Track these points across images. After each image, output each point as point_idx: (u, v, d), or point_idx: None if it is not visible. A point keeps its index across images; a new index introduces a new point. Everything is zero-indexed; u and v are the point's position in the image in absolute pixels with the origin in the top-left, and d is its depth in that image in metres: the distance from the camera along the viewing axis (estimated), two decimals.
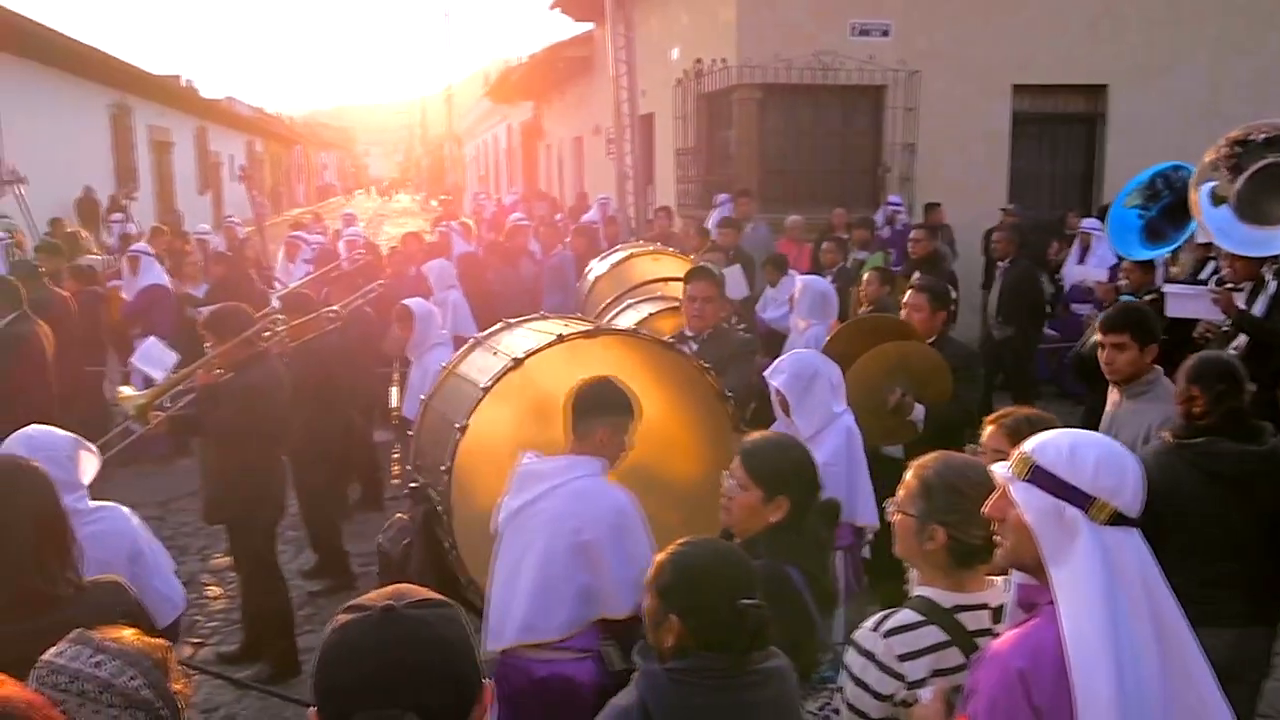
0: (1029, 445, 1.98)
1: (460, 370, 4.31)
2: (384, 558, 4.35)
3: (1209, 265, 7.76)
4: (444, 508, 3.78)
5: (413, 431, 4.61)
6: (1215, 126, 7.01)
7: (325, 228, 16.59)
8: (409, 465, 4.53)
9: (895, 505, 2.35)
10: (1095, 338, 4.29)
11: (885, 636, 2.21)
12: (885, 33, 12.31)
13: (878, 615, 2.28)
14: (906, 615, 2.25)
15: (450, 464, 3.74)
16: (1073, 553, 1.86)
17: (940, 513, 2.24)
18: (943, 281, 5.89)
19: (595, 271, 7.95)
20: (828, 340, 5.21)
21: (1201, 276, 7.59)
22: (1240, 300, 5.89)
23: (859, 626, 2.31)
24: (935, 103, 12.19)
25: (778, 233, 11.03)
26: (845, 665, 2.27)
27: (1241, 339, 5.71)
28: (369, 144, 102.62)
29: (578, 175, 22.49)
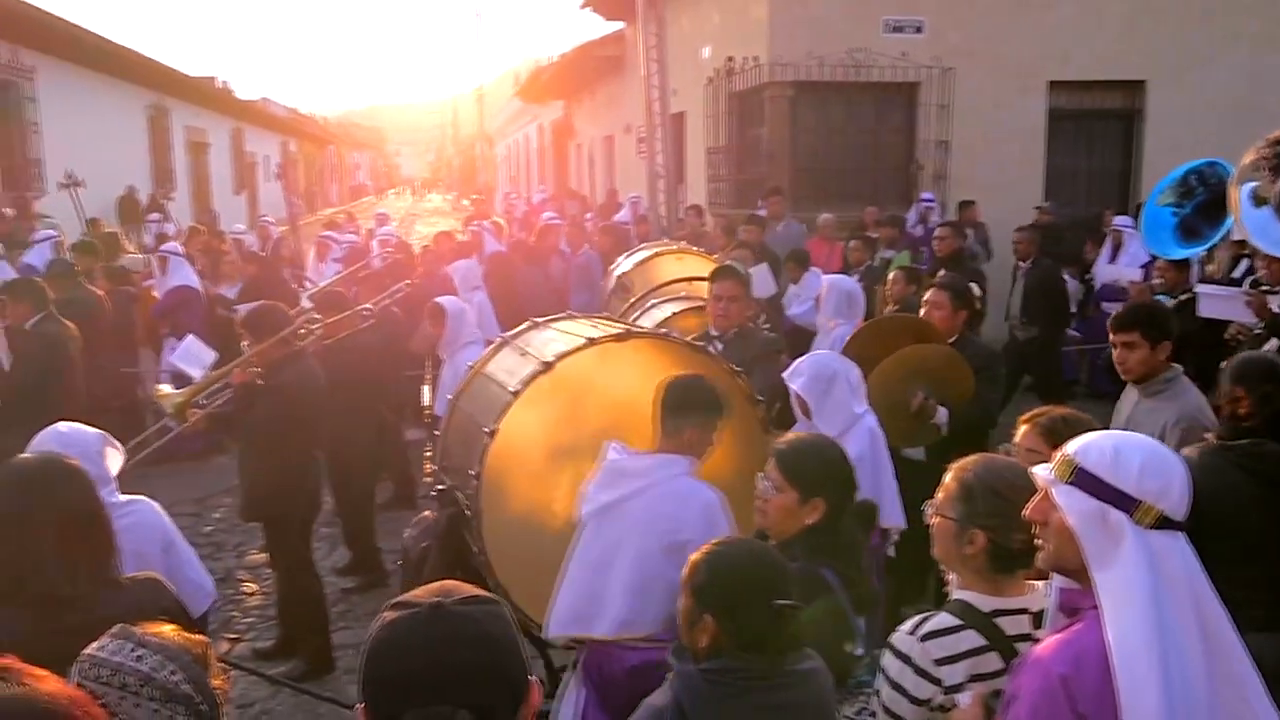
0: (1071, 447, 1.94)
1: (488, 370, 4.28)
2: (405, 555, 4.36)
3: (1242, 263, 7.63)
4: (473, 513, 3.76)
5: (439, 431, 4.60)
6: (1255, 122, 6.89)
7: (358, 227, 16.72)
8: (436, 466, 4.51)
9: (934, 508, 2.32)
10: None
11: (922, 640, 2.19)
12: (918, 29, 12.21)
13: (915, 618, 2.26)
14: (944, 619, 2.22)
15: (480, 469, 3.71)
16: (1117, 557, 1.83)
17: (980, 516, 2.21)
18: (965, 280, 5.82)
19: (619, 270, 7.94)
20: (847, 341, 5.16)
21: (1234, 275, 7.47)
22: (1275, 304, 5.79)
23: (895, 630, 2.29)
24: (969, 100, 12.07)
25: (811, 231, 10.97)
26: (881, 668, 2.25)
27: (1273, 343, 5.61)
28: (401, 144, 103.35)
29: (608, 174, 22.50)
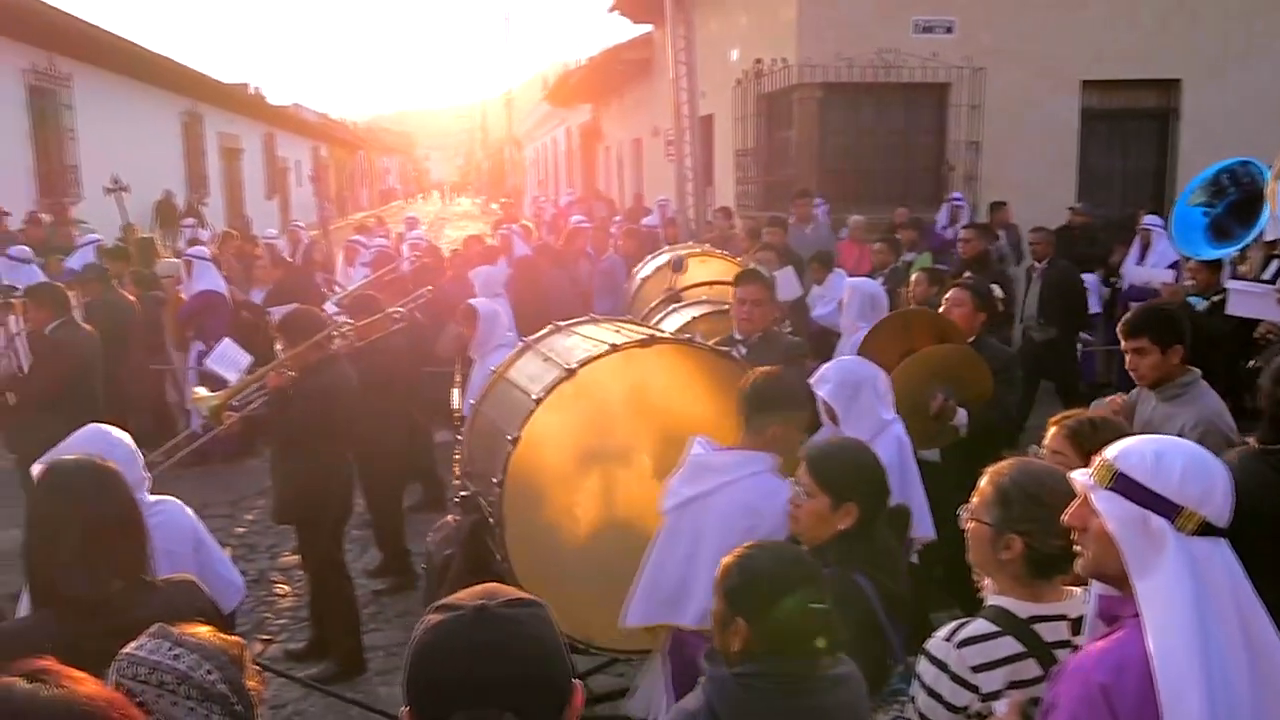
0: (1111, 451, 1.91)
1: (510, 376, 4.28)
2: (429, 562, 4.36)
3: (1274, 264, 7.50)
4: (495, 520, 3.75)
5: (462, 435, 4.58)
6: None
7: (388, 231, 16.84)
8: (456, 470, 4.52)
9: (969, 513, 2.29)
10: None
11: (959, 646, 2.16)
12: (949, 29, 12.13)
13: (951, 624, 2.23)
14: (981, 625, 2.19)
15: (503, 476, 3.70)
16: (1159, 564, 1.79)
17: (1017, 521, 2.18)
18: (986, 282, 5.76)
19: (643, 273, 7.93)
20: (866, 335, 5.10)
21: (1265, 276, 7.34)
22: None
23: (930, 636, 2.26)
24: (1001, 100, 11.97)
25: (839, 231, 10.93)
26: (917, 675, 2.22)
27: None
28: (430, 148, 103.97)
29: (636, 177, 22.52)
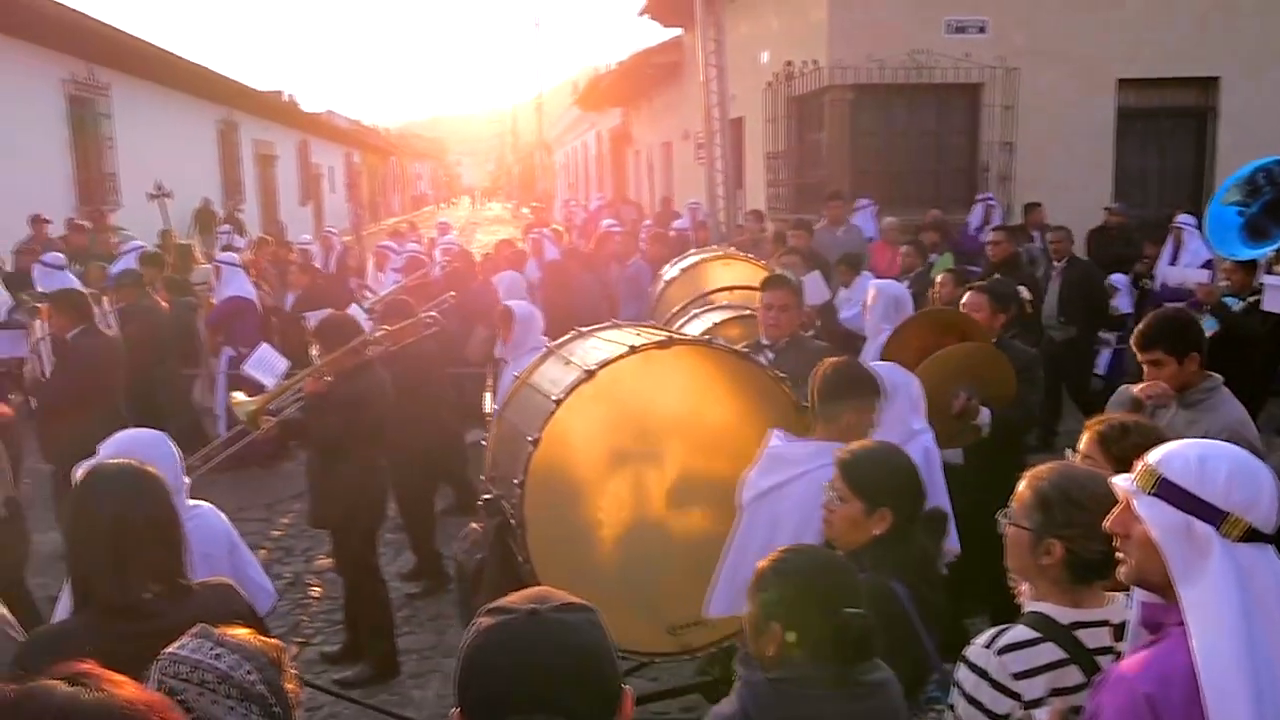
0: (1154, 456, 1.87)
1: (533, 380, 4.29)
2: (459, 569, 4.37)
3: None
4: (517, 521, 3.76)
5: (486, 441, 4.59)
6: None
7: (420, 236, 16.97)
8: (483, 476, 4.53)
9: (1008, 518, 2.26)
10: None
11: (999, 654, 2.13)
12: (982, 29, 12.03)
13: (990, 631, 2.20)
14: (1021, 632, 2.16)
15: (523, 477, 3.71)
16: (1204, 572, 1.76)
17: (1058, 526, 2.15)
18: (1010, 283, 5.69)
19: (667, 276, 7.92)
20: (889, 336, 5.05)
21: None
22: None
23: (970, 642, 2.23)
24: (1035, 100, 11.86)
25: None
26: (957, 682, 2.19)
27: None
28: (461, 153, 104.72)
29: (666, 181, 22.54)
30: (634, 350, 3.79)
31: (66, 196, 14.82)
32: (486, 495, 4.22)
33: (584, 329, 4.47)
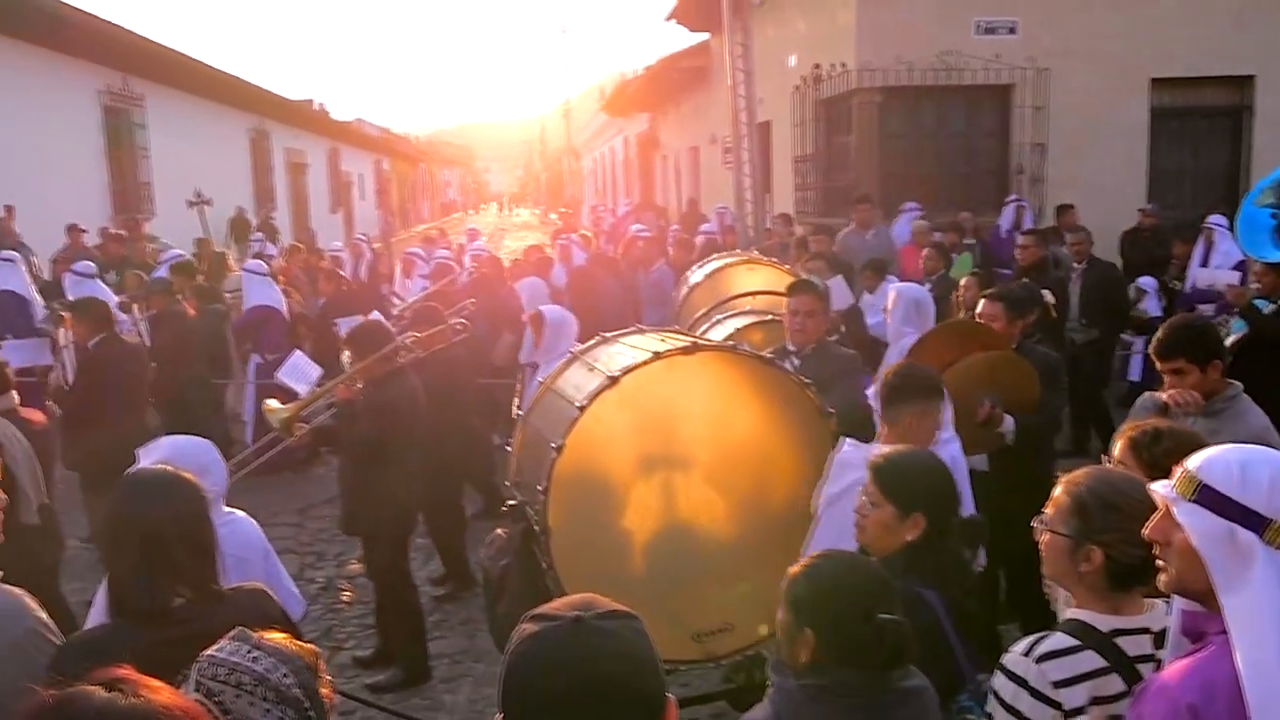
0: (1194, 462, 1.83)
1: (557, 386, 4.27)
2: (485, 575, 4.37)
3: None
4: (541, 527, 3.75)
5: (510, 447, 4.59)
6: None
7: (449, 242, 17.07)
8: (507, 481, 4.54)
9: (1044, 524, 2.23)
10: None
11: (1038, 662, 2.09)
12: (1012, 30, 11.94)
13: (1029, 639, 2.17)
14: (1060, 639, 2.12)
15: (547, 484, 3.69)
16: (1248, 580, 1.71)
17: (1097, 532, 2.11)
18: (1029, 288, 5.60)
19: (691, 281, 7.90)
20: (912, 347, 5.01)
21: None
22: None
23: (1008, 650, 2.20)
24: (1066, 100, 11.74)
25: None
26: (994, 691, 2.16)
27: None
28: (489, 160, 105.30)
29: (694, 185, 22.52)
30: (658, 356, 3.77)
31: (102, 206, 15.04)
32: (511, 501, 4.22)
33: (608, 334, 4.46)
